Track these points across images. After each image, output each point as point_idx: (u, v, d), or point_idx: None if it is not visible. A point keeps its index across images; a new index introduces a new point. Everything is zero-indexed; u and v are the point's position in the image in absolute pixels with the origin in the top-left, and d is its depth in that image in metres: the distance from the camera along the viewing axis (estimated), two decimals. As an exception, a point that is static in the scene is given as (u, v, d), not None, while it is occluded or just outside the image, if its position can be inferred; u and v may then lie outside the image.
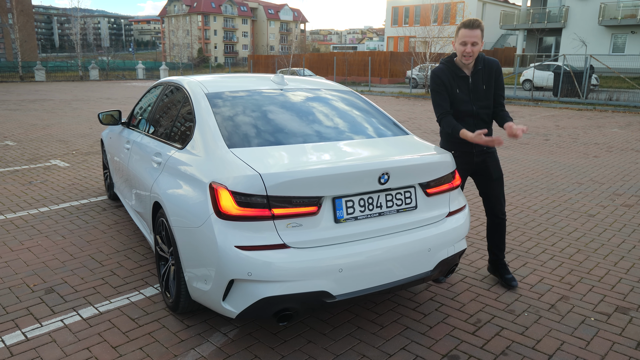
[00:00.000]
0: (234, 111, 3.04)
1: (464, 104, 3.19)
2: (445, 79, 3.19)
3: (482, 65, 3.19)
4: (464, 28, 3.05)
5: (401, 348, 2.69)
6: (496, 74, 3.23)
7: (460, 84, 3.19)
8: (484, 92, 3.20)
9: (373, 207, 2.58)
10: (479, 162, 3.31)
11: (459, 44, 3.08)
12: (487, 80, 3.20)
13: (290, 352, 2.64)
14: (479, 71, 3.19)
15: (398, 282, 2.62)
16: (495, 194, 3.37)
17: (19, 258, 3.84)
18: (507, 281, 3.39)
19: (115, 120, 4.66)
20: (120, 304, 3.14)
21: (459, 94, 3.19)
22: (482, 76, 3.20)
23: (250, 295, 2.37)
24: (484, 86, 3.19)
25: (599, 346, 2.73)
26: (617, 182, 6.52)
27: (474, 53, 3.07)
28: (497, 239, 3.45)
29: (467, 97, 3.19)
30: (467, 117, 3.22)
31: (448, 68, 3.21)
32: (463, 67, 3.19)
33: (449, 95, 3.20)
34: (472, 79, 3.19)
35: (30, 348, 2.65)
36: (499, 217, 3.41)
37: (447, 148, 3.31)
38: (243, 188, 2.36)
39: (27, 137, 9.96)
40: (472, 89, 3.19)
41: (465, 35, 3.04)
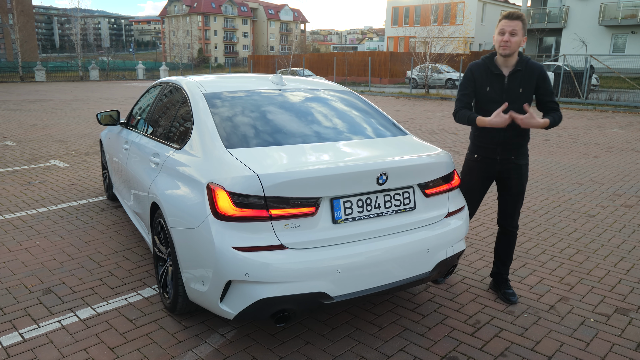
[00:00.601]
0: (232, 111, 3.03)
1: (494, 104, 2.97)
2: (477, 74, 3.04)
3: (523, 67, 2.98)
4: (504, 19, 2.92)
5: (400, 349, 2.68)
6: (539, 79, 2.99)
7: (493, 82, 3.00)
8: (519, 95, 2.97)
9: (371, 208, 2.57)
10: (502, 170, 3.11)
11: (497, 34, 2.93)
12: (525, 83, 2.97)
13: (289, 354, 2.63)
14: (517, 72, 2.98)
15: (397, 283, 2.60)
16: (510, 207, 3.19)
17: (17, 259, 3.83)
18: (506, 295, 3.23)
19: (113, 121, 4.65)
20: (118, 305, 3.12)
21: (489, 92, 3.01)
22: (521, 78, 2.97)
23: (248, 297, 2.36)
24: (520, 89, 2.97)
25: (599, 347, 2.71)
26: (617, 182, 6.50)
27: (512, 44, 2.88)
28: (502, 251, 3.29)
29: (499, 97, 2.98)
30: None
31: (485, 64, 3.04)
32: (502, 65, 3.01)
33: (478, 92, 3.05)
34: (508, 79, 2.98)
35: (27, 349, 2.64)
36: (507, 229, 3.25)
37: (470, 150, 3.20)
38: (240, 189, 2.35)
39: (26, 137, 9.95)
40: (507, 89, 2.98)
41: (504, 24, 2.91)
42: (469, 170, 3.23)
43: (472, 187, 3.23)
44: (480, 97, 3.06)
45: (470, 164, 3.23)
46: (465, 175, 3.26)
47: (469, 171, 3.23)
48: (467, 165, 3.26)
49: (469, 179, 3.23)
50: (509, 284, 3.31)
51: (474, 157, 3.19)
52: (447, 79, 27.08)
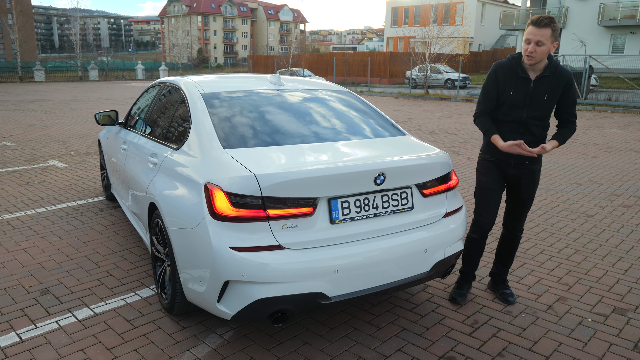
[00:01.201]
0: (230, 112, 3.03)
1: (516, 109, 2.86)
2: (501, 76, 2.88)
3: (551, 72, 2.82)
4: (532, 25, 2.70)
5: (397, 349, 2.68)
6: (566, 87, 2.84)
7: (518, 85, 2.84)
8: (543, 102, 2.83)
9: (369, 208, 2.57)
10: (514, 174, 3.01)
11: (524, 42, 2.76)
12: (552, 90, 2.83)
13: (286, 354, 2.63)
14: (545, 78, 2.82)
15: (394, 283, 2.60)
16: (518, 211, 3.13)
17: (15, 259, 3.83)
18: (504, 296, 3.21)
19: (112, 121, 4.64)
20: (116, 305, 3.12)
21: (512, 95, 2.85)
22: (548, 84, 2.82)
23: (245, 297, 2.36)
24: (545, 95, 2.82)
25: (596, 347, 2.71)
26: (616, 182, 6.51)
27: (537, 54, 2.71)
28: (505, 253, 3.25)
29: (522, 102, 2.84)
30: (512, 123, 2.90)
31: (511, 65, 2.88)
32: (529, 69, 2.84)
33: (500, 95, 2.89)
34: (534, 83, 2.83)
35: (25, 350, 2.63)
36: (513, 233, 3.20)
37: (484, 151, 3.08)
38: (238, 189, 2.35)
39: (25, 137, 9.94)
40: (531, 94, 2.84)
41: (530, 32, 2.70)
42: (484, 170, 3.08)
43: (489, 185, 3.05)
44: (503, 100, 2.89)
45: (484, 164, 3.09)
46: (480, 175, 3.10)
47: (484, 171, 3.08)
48: (481, 165, 3.12)
49: (484, 178, 3.07)
50: (507, 284, 3.30)
51: (488, 157, 3.06)
52: (447, 79, 27.09)
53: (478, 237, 3.15)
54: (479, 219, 3.11)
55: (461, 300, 3.16)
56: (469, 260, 3.23)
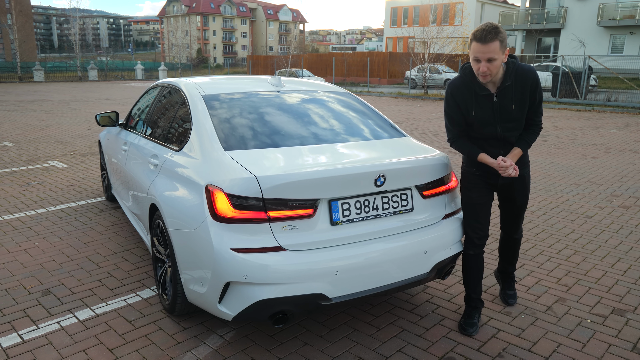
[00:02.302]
0: (231, 113, 3.05)
1: (487, 126, 2.66)
2: (459, 97, 2.66)
3: (512, 80, 2.59)
4: (475, 41, 2.46)
5: (397, 350, 2.70)
6: (531, 90, 2.62)
7: (481, 103, 2.63)
8: (513, 113, 2.63)
9: (369, 210, 2.59)
10: (504, 184, 2.84)
11: (472, 61, 2.52)
12: (518, 98, 2.61)
13: (287, 355, 2.64)
14: (507, 88, 2.60)
15: (394, 284, 2.62)
16: (512, 218, 3.02)
17: (16, 260, 3.84)
18: (505, 296, 3.21)
19: (112, 122, 4.65)
20: (117, 306, 3.13)
21: (477, 115, 2.64)
22: (512, 93, 2.61)
23: (246, 298, 2.37)
24: (512, 105, 2.61)
25: (595, 348, 2.73)
26: (615, 183, 6.53)
27: (491, 71, 2.50)
28: (508, 252, 3.18)
29: (491, 118, 2.65)
30: (490, 139, 2.73)
31: (466, 84, 2.64)
32: (488, 83, 2.62)
33: (466, 117, 2.69)
34: (497, 97, 2.62)
35: (27, 350, 2.65)
36: (512, 237, 3.11)
37: (467, 164, 2.88)
38: (239, 190, 2.36)
39: (25, 137, 9.95)
40: (498, 109, 2.63)
41: (477, 50, 2.46)
42: (469, 184, 2.86)
43: (476, 201, 2.84)
44: (470, 121, 2.69)
45: (469, 177, 2.87)
46: (466, 191, 2.87)
47: (470, 186, 2.86)
48: (465, 179, 2.89)
49: (470, 193, 2.85)
50: (512, 285, 3.25)
51: (473, 170, 2.85)
52: (446, 80, 27.10)
53: (475, 252, 2.89)
54: (471, 235, 2.86)
55: (472, 331, 2.85)
56: (470, 281, 2.93)
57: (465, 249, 2.93)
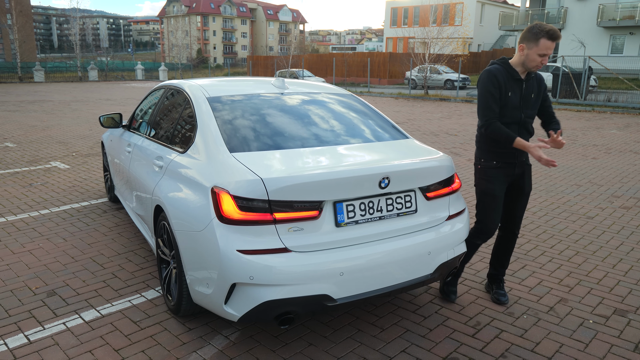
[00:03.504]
0: (235, 115, 3.07)
1: (514, 110, 2.96)
2: (501, 80, 2.93)
3: (534, 74, 3.03)
4: (548, 39, 2.78)
5: (401, 350, 2.72)
6: (544, 86, 3.08)
7: (514, 87, 2.96)
8: (532, 101, 3.02)
9: (373, 211, 2.61)
10: (518, 173, 3.08)
11: (536, 54, 2.82)
12: (537, 89, 3.03)
13: (292, 355, 2.66)
14: (532, 79, 3.01)
15: (398, 286, 2.64)
16: (519, 208, 3.16)
17: (21, 260, 3.86)
18: (497, 295, 3.26)
19: (116, 123, 4.67)
20: (122, 307, 3.15)
21: (511, 97, 2.95)
22: (533, 84, 3.02)
23: (252, 299, 2.39)
24: (533, 94, 3.01)
25: (598, 348, 2.75)
26: (616, 184, 6.55)
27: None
28: (503, 255, 3.28)
29: (518, 102, 2.96)
30: (513, 125, 2.98)
31: (505, 69, 2.97)
32: (521, 71, 2.97)
33: (502, 98, 2.95)
34: (525, 84, 2.98)
35: (33, 351, 2.67)
36: (513, 232, 3.22)
37: (486, 158, 3.04)
38: (245, 192, 2.38)
39: (26, 138, 9.97)
40: (524, 95, 2.98)
41: (548, 47, 2.79)
42: (489, 177, 3.05)
43: (497, 193, 3.04)
44: (504, 102, 2.96)
45: (489, 172, 3.04)
46: (488, 184, 3.05)
47: (490, 178, 3.04)
48: (485, 173, 3.07)
49: (493, 186, 3.04)
50: (502, 285, 3.34)
51: (493, 164, 3.03)
52: (446, 80, 27.15)
53: (482, 242, 3.18)
54: (488, 226, 3.08)
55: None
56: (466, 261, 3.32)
57: (475, 239, 3.16)
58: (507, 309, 3.19)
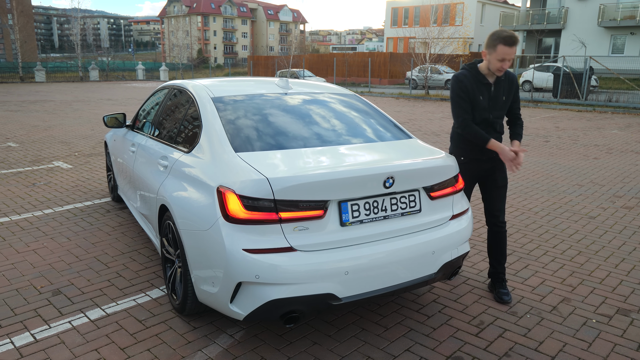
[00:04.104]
0: (240, 115, 3.08)
1: (482, 111, 3.16)
2: (468, 84, 3.13)
3: (505, 76, 3.18)
4: (505, 45, 2.94)
5: (405, 349, 2.73)
6: (514, 87, 3.22)
7: (482, 91, 3.15)
8: (502, 103, 3.18)
9: (378, 211, 2.62)
10: (487, 168, 3.27)
11: (496, 60, 3.00)
12: (507, 91, 3.19)
13: (296, 354, 2.67)
14: (501, 81, 3.17)
15: (402, 285, 2.65)
16: (497, 201, 3.31)
17: (25, 260, 3.88)
18: (499, 295, 3.28)
19: (119, 123, 4.69)
20: (127, 306, 3.17)
21: (481, 101, 3.15)
22: (504, 87, 3.17)
23: (258, 298, 2.41)
24: (503, 97, 3.18)
25: (601, 348, 2.76)
26: (617, 184, 6.56)
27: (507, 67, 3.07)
28: (496, 251, 3.36)
29: (487, 105, 3.16)
30: (481, 124, 3.19)
31: (472, 74, 3.16)
32: (488, 75, 3.15)
33: (472, 101, 3.16)
34: (494, 87, 3.16)
35: (40, 349, 2.68)
36: (497, 225, 3.33)
37: (456, 154, 3.27)
38: (251, 192, 2.40)
39: (29, 138, 9.99)
40: (493, 97, 3.16)
41: (505, 53, 2.95)
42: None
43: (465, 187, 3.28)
44: (474, 106, 3.17)
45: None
46: None
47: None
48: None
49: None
50: (504, 284, 3.35)
51: (461, 160, 3.25)
52: (447, 80, 27.14)
53: None
54: None
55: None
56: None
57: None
58: (511, 308, 3.20)
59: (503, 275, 3.37)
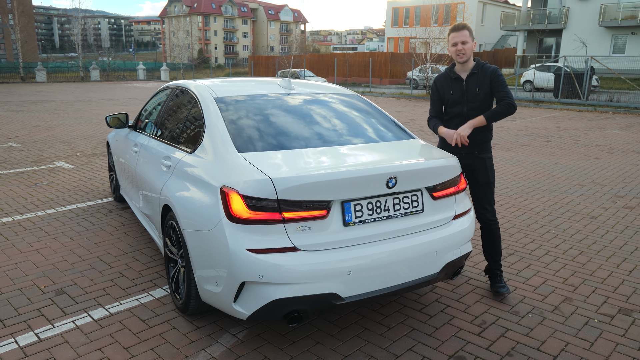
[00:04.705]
0: (243, 115, 3.09)
1: (456, 105, 3.35)
2: (439, 84, 3.43)
3: (479, 70, 3.31)
4: (452, 32, 3.28)
5: (408, 349, 2.74)
6: (492, 77, 3.28)
7: (454, 86, 3.35)
8: (477, 95, 3.30)
9: (381, 211, 2.63)
10: (466, 164, 3.35)
11: (451, 46, 3.28)
12: (481, 83, 3.29)
13: (299, 353, 2.68)
14: (474, 75, 3.31)
15: (405, 284, 2.66)
16: (480, 198, 3.38)
17: (29, 260, 3.89)
18: (496, 289, 3.34)
19: (122, 124, 4.70)
20: (130, 306, 3.18)
21: (452, 95, 3.36)
22: (477, 79, 3.30)
23: (261, 297, 2.42)
24: (477, 89, 3.29)
25: (603, 347, 2.77)
26: (619, 184, 6.56)
27: (466, 51, 3.23)
28: (488, 246, 3.41)
29: (460, 98, 3.33)
30: (457, 117, 3.35)
31: (445, 73, 3.43)
32: (460, 71, 3.35)
33: (443, 97, 3.41)
34: (466, 81, 3.31)
35: (44, 349, 2.69)
36: (485, 221, 3.39)
37: (440, 147, 3.42)
38: (254, 192, 2.41)
39: (30, 138, 10.01)
40: (466, 91, 3.31)
41: (454, 37, 3.25)
42: None
43: None
44: (446, 101, 3.40)
45: None
46: None
47: None
48: None
49: None
50: (501, 278, 3.41)
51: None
52: (448, 80, 27.08)
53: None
54: None
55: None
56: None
57: None
58: (512, 308, 3.21)
59: (497, 271, 3.41)
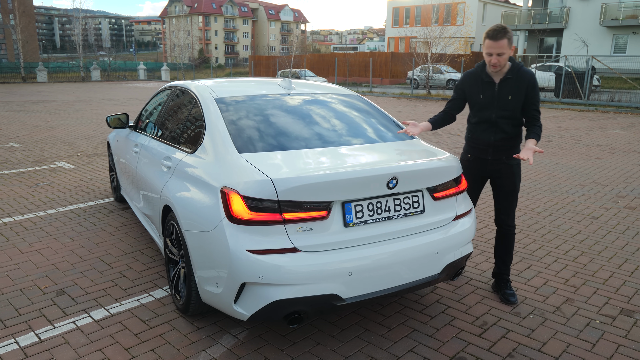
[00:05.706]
0: (243, 116, 3.09)
1: (485, 110, 3.15)
2: (467, 85, 3.23)
3: (514, 74, 3.08)
4: (488, 39, 2.98)
5: (409, 350, 2.73)
6: (529, 87, 3.07)
7: (485, 89, 3.14)
8: (508, 102, 3.09)
9: (382, 212, 2.62)
10: (493, 170, 3.25)
11: (485, 54, 3.03)
12: (515, 90, 3.08)
13: (300, 354, 2.68)
14: (508, 80, 3.08)
15: (406, 285, 2.65)
16: (503, 205, 3.30)
17: (29, 260, 3.89)
18: (506, 296, 3.29)
19: (122, 124, 4.70)
20: (131, 306, 3.18)
21: (482, 99, 3.15)
22: (511, 85, 3.08)
23: (262, 298, 2.41)
24: (509, 96, 3.08)
25: (605, 348, 2.76)
26: (620, 184, 6.55)
27: (500, 63, 3.00)
28: (502, 250, 3.36)
29: (490, 104, 3.13)
30: (484, 123, 3.18)
31: (477, 72, 3.19)
32: (493, 74, 3.13)
33: (470, 100, 3.24)
34: (498, 86, 3.11)
35: (44, 349, 2.69)
36: (504, 227, 3.33)
37: (465, 150, 3.37)
38: (254, 193, 2.40)
39: (31, 138, 10.01)
40: (497, 97, 3.11)
41: (489, 46, 2.98)
42: (463, 169, 3.29)
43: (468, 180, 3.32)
44: (473, 104, 3.23)
45: (464, 163, 3.36)
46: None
47: (463, 170, 3.30)
48: (461, 163, 3.37)
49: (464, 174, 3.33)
50: (509, 285, 3.36)
51: (467, 157, 3.34)
52: (448, 80, 27.12)
53: None
54: None
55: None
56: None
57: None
58: (514, 309, 3.20)
59: (507, 276, 3.37)
